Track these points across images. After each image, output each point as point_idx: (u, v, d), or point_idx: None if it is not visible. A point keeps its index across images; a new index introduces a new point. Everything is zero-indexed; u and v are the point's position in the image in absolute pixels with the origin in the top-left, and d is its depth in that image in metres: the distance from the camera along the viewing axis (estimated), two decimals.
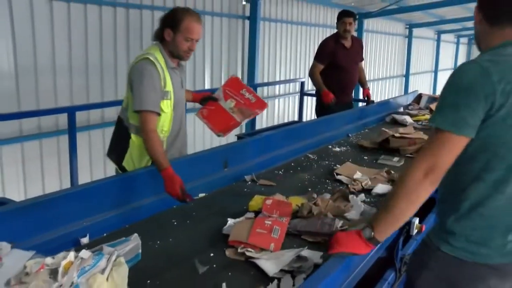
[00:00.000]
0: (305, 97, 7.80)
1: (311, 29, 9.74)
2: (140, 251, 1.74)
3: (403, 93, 13.26)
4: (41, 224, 1.86)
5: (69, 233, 1.93)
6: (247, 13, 7.85)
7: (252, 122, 7.07)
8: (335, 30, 5.24)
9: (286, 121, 8.68)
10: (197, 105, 3.12)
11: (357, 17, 5.50)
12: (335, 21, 5.25)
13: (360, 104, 6.51)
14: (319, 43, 5.39)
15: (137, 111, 2.39)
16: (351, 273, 1.58)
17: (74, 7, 5.26)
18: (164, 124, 2.55)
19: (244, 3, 7.73)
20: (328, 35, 5.76)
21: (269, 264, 1.68)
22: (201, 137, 7.13)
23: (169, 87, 2.51)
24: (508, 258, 1.49)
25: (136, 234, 1.80)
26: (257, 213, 2.18)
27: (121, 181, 2.29)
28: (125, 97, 2.59)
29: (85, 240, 1.93)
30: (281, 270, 1.66)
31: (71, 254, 1.43)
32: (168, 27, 2.48)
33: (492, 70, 1.36)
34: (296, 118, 8.34)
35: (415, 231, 2.09)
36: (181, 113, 2.71)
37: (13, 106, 4.83)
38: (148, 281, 1.62)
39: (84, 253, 1.44)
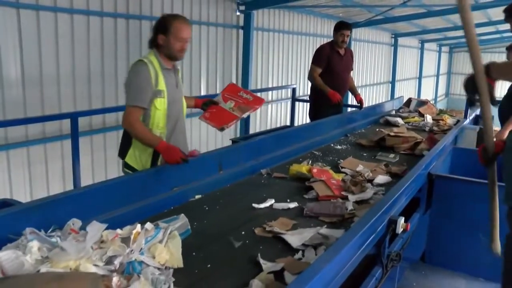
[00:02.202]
0: (296, 103, 7.86)
1: (302, 38, 9.82)
2: (189, 227, 1.97)
3: (389, 99, 13.36)
4: (46, 224, 1.87)
5: None
6: (241, 23, 7.93)
7: (246, 127, 7.11)
8: (325, 39, 5.32)
9: (278, 125, 8.73)
10: (196, 110, 3.25)
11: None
12: (325, 30, 5.34)
13: (349, 109, 6.59)
14: (315, 49, 5.50)
15: (126, 106, 2.59)
16: (340, 270, 1.62)
17: (77, 18, 5.32)
18: (159, 121, 2.68)
19: (238, 13, 7.81)
20: (318, 43, 5.88)
21: (293, 238, 1.97)
22: (197, 141, 7.18)
23: (162, 86, 2.64)
24: None
25: (183, 214, 2.01)
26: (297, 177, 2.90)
27: (127, 181, 2.39)
28: None
29: None
30: (303, 244, 1.93)
31: (138, 226, 1.68)
32: (160, 33, 2.62)
33: None
34: (288, 123, 8.39)
35: (401, 229, 2.13)
36: (177, 112, 2.81)
37: (19, 112, 4.86)
38: (194, 253, 1.85)
39: (148, 225, 1.70)
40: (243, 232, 2.10)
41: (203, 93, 7.37)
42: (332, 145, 4.02)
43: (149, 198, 2.32)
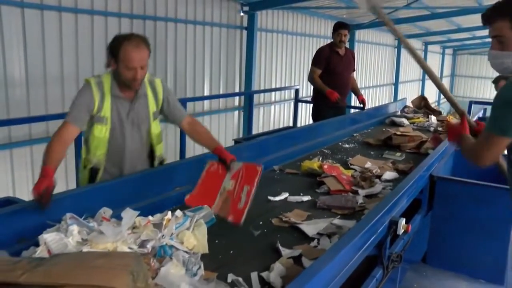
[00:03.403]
0: (299, 104, 7.88)
1: (306, 39, 9.87)
2: (213, 216, 2.09)
3: (392, 100, 13.35)
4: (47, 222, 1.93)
5: None
6: (245, 24, 7.98)
7: (249, 127, 7.12)
8: (329, 40, 5.36)
9: (281, 126, 8.74)
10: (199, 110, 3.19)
11: (351, 28, 5.61)
12: (329, 31, 5.38)
13: (352, 110, 6.60)
14: (315, 51, 5.51)
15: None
16: (341, 270, 1.62)
17: (81, 18, 5.34)
18: (97, 148, 2.40)
19: (242, 14, 7.85)
20: (321, 45, 5.92)
21: (309, 228, 2.12)
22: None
23: (106, 113, 2.35)
24: None
25: (206, 205, 2.13)
26: (309, 173, 3.04)
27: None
28: None
29: None
30: (318, 233, 2.09)
31: (169, 213, 1.84)
32: (112, 57, 2.30)
33: None
34: (290, 124, 8.39)
35: (402, 230, 2.12)
36: (122, 147, 2.46)
37: (23, 112, 4.90)
38: (216, 241, 1.98)
39: (178, 213, 1.87)
40: (261, 222, 2.24)
41: (206, 93, 7.38)
42: (340, 143, 4.16)
43: (150, 198, 2.37)
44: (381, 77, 14.60)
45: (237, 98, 8.20)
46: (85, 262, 1.24)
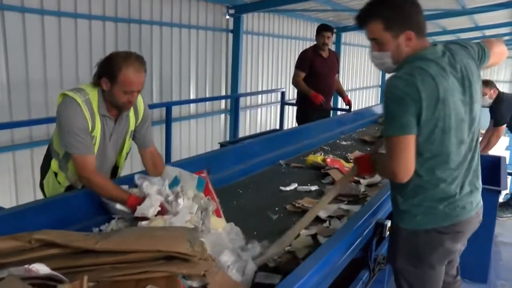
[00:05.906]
0: (285, 106, 7.93)
1: (292, 41, 9.98)
2: (195, 175, 2.25)
3: (378, 102, 13.47)
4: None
5: None
6: (231, 27, 8.07)
7: (235, 130, 7.14)
8: (315, 43, 5.39)
9: (267, 129, 8.77)
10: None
11: (335, 31, 5.66)
12: (314, 34, 5.41)
13: (339, 112, 6.67)
14: (299, 54, 5.55)
15: (70, 153, 2.24)
16: (327, 273, 1.65)
17: (64, 21, 5.36)
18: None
19: (227, 17, 7.92)
20: (308, 47, 5.90)
21: (321, 212, 2.37)
22: (186, 145, 7.18)
23: (97, 133, 2.30)
24: (451, 220, 1.84)
25: (166, 166, 2.38)
26: (313, 166, 3.39)
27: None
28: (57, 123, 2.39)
29: None
30: (329, 216, 2.38)
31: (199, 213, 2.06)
32: (105, 76, 2.20)
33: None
34: (277, 126, 8.43)
35: (387, 233, 2.15)
36: (102, 165, 2.43)
37: (5, 117, 4.85)
38: (239, 224, 2.20)
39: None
40: (276, 208, 2.55)
41: (192, 97, 7.39)
42: (338, 141, 4.55)
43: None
44: (367, 79, 14.81)
45: (223, 101, 8.29)
46: (148, 233, 1.50)
